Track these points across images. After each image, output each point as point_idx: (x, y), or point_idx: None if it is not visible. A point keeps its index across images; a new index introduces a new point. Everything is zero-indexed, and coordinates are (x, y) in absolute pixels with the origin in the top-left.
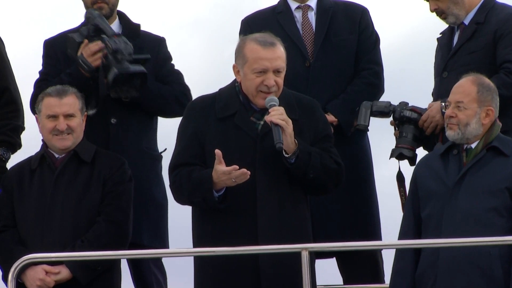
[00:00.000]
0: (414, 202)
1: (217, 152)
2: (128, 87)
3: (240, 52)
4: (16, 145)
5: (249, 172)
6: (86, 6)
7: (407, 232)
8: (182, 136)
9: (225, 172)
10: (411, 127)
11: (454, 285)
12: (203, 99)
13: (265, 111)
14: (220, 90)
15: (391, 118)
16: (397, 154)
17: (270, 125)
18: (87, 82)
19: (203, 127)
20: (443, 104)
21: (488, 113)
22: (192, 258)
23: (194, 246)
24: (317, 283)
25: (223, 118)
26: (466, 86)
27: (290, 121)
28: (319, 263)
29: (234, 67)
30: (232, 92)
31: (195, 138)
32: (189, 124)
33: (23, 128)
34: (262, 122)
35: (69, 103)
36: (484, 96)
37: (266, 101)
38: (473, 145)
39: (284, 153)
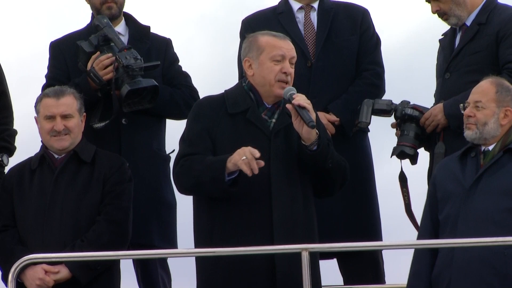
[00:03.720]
0: (432, 204)
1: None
2: (140, 100)
3: (253, 45)
4: (13, 150)
5: (262, 163)
6: (95, 7)
7: (424, 234)
8: (192, 130)
9: (247, 150)
10: (413, 125)
11: (468, 284)
12: (211, 97)
13: (275, 109)
14: (226, 91)
15: (392, 119)
16: (399, 152)
17: (296, 110)
18: (95, 94)
19: (213, 123)
20: (461, 105)
21: (507, 113)
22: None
23: (201, 240)
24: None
25: (234, 114)
26: (485, 86)
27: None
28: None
29: (246, 61)
30: (240, 91)
31: (206, 133)
32: (198, 119)
33: (16, 132)
34: (274, 120)
35: (66, 104)
36: (503, 97)
37: (285, 91)
38: (491, 147)
39: (304, 142)
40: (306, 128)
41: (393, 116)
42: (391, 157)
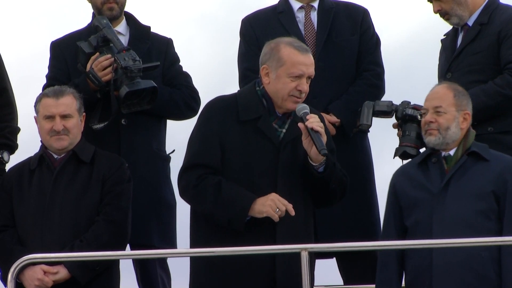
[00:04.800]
0: (395, 212)
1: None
2: (139, 101)
3: (274, 55)
4: (14, 148)
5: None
6: (96, 7)
7: None
8: (201, 135)
9: (279, 203)
10: (414, 125)
11: (450, 287)
12: (223, 99)
13: (286, 118)
14: (239, 92)
15: (393, 120)
16: (401, 152)
17: (308, 131)
18: (94, 95)
19: (223, 128)
20: (420, 112)
21: (465, 117)
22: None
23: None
24: (318, 283)
25: (245, 121)
26: (442, 91)
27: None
28: (319, 263)
29: (264, 68)
30: (253, 95)
31: (215, 139)
32: (208, 124)
33: (19, 130)
34: (284, 130)
35: (65, 104)
36: (461, 100)
37: (298, 109)
38: (451, 152)
39: (311, 161)
40: (315, 150)
41: (394, 117)
42: (393, 158)
